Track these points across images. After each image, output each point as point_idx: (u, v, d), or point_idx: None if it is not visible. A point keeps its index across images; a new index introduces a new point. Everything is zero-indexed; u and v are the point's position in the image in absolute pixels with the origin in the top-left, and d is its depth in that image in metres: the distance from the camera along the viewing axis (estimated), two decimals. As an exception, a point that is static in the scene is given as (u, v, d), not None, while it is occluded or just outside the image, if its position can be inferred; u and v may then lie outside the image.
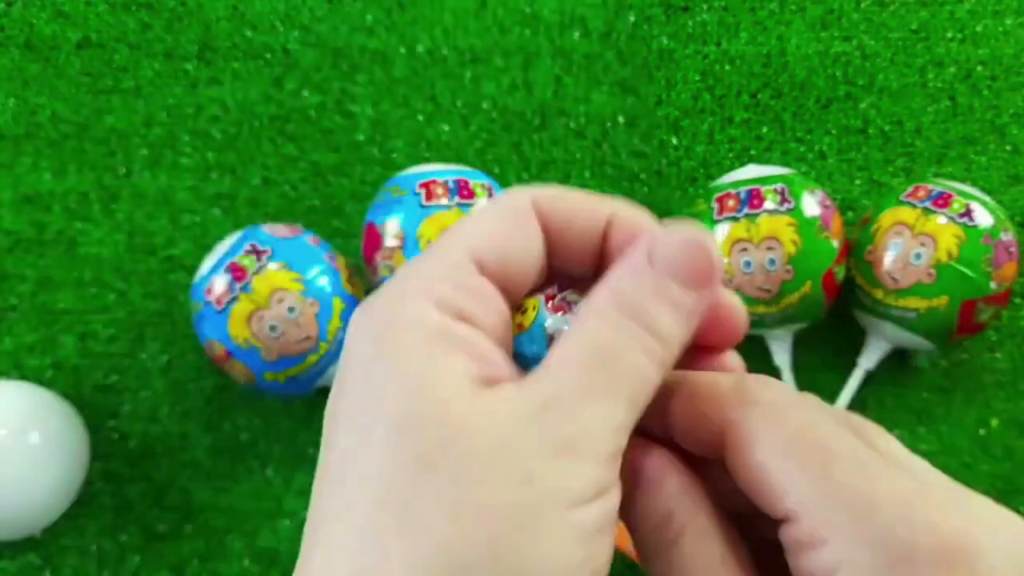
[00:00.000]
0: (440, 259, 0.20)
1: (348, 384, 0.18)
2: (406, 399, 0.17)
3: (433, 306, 0.18)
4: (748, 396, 0.19)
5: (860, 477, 0.17)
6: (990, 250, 0.45)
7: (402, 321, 0.18)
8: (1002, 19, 0.60)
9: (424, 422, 0.17)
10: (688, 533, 0.19)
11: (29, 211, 0.54)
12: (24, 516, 0.46)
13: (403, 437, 0.17)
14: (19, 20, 0.58)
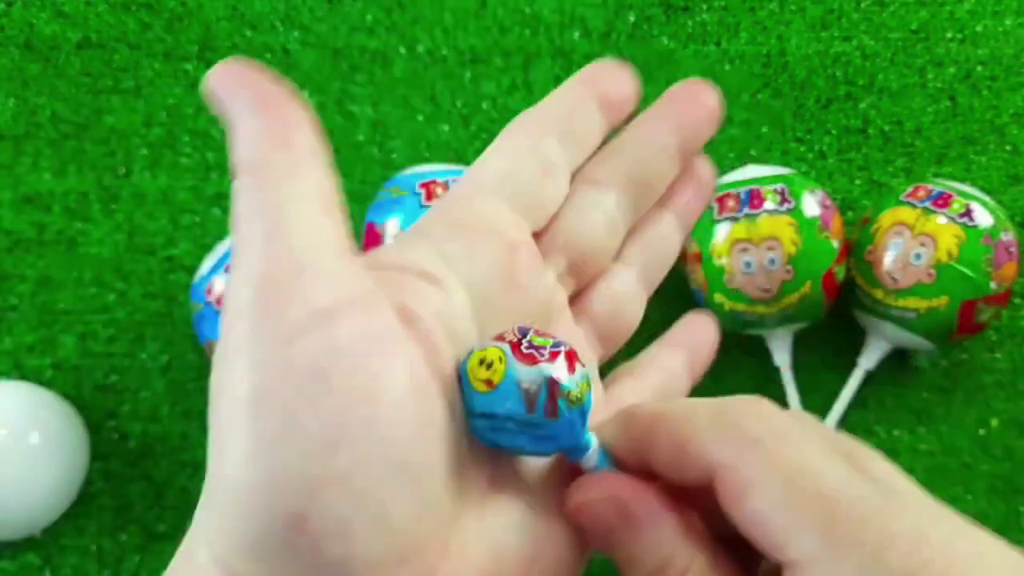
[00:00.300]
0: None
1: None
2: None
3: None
4: (733, 433, 0.18)
5: (864, 520, 0.16)
6: (990, 250, 0.45)
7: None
8: (1002, 19, 0.60)
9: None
10: (692, 573, 0.18)
11: (29, 211, 0.54)
12: (24, 516, 0.46)
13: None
14: (19, 20, 0.58)
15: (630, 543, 0.19)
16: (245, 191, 0.18)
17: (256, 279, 0.17)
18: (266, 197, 0.18)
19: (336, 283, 0.17)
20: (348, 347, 0.16)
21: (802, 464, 0.17)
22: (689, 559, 0.18)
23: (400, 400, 0.17)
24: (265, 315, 0.17)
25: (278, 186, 0.18)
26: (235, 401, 0.16)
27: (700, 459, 0.18)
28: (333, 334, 0.16)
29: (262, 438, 0.16)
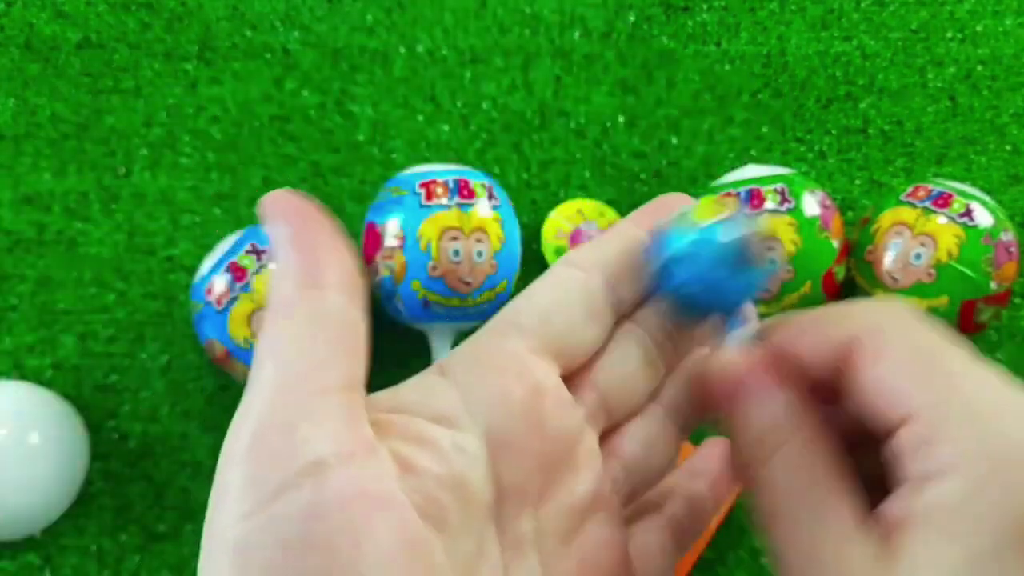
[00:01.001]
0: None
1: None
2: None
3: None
4: (876, 312, 0.20)
5: (980, 388, 0.18)
6: (990, 250, 0.45)
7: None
8: (1002, 19, 0.60)
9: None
10: (791, 447, 0.19)
11: (29, 211, 0.54)
12: (24, 516, 0.46)
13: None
14: (19, 20, 0.58)
15: (742, 408, 0.20)
16: (266, 328, 0.19)
17: (256, 426, 0.17)
18: (283, 338, 0.18)
19: (334, 434, 0.17)
20: (335, 504, 0.16)
21: (931, 345, 0.19)
22: (790, 433, 0.20)
23: (384, 562, 0.16)
24: (258, 465, 0.17)
25: (298, 327, 0.18)
26: (222, 546, 0.16)
27: (843, 332, 0.19)
28: (321, 490, 0.16)
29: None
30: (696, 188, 0.56)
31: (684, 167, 0.56)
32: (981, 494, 0.16)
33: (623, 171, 0.56)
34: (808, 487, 0.19)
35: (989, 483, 0.16)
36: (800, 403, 0.20)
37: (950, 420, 0.17)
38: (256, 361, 0.18)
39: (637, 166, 0.56)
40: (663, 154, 0.57)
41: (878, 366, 0.19)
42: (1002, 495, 0.16)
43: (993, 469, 0.16)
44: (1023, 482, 0.16)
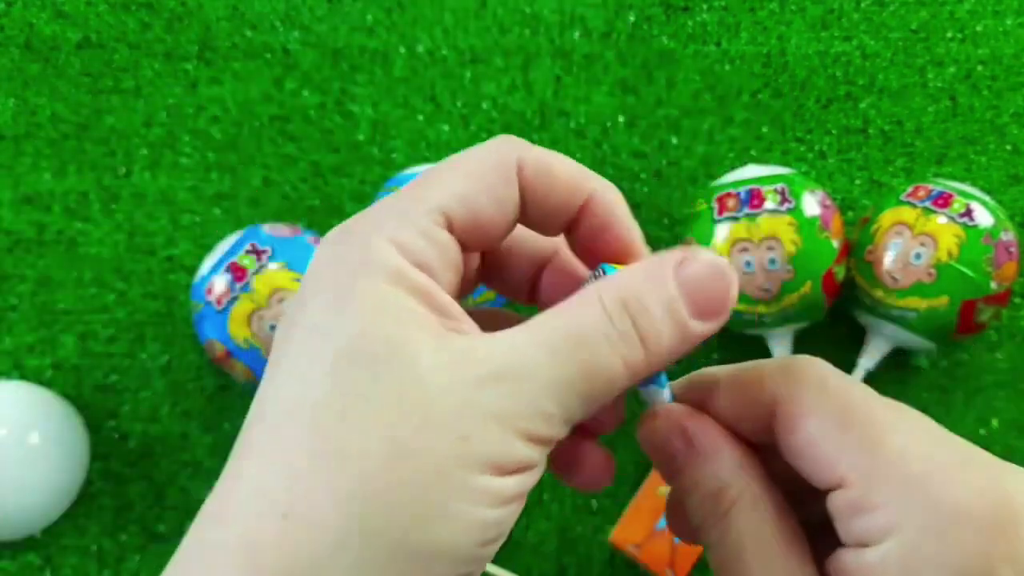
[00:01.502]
0: (411, 205, 0.19)
1: (310, 308, 0.19)
2: (365, 335, 0.18)
3: (397, 252, 0.19)
4: (794, 374, 0.20)
5: (910, 445, 0.18)
6: (990, 250, 0.45)
7: (369, 262, 0.18)
8: (1002, 19, 0.60)
9: (378, 358, 0.17)
10: (742, 503, 0.20)
11: (29, 211, 0.54)
12: (24, 516, 0.46)
13: (357, 368, 0.17)
14: (19, 20, 0.58)
15: (691, 468, 0.21)
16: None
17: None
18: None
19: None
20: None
21: (855, 397, 0.19)
22: (743, 487, 0.20)
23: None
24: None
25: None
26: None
27: (765, 399, 0.20)
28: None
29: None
30: (696, 188, 0.56)
31: (684, 167, 0.56)
32: (917, 555, 0.17)
33: (623, 171, 0.56)
34: (762, 542, 0.19)
35: (923, 545, 0.17)
36: (747, 459, 0.21)
37: (880, 486, 0.18)
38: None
39: (637, 166, 0.56)
40: (663, 154, 0.57)
41: (801, 432, 0.19)
42: (936, 554, 0.17)
43: (926, 531, 0.17)
44: (955, 541, 0.17)
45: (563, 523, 0.49)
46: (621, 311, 0.18)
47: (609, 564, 0.48)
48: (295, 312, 0.19)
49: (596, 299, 0.18)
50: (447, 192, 0.19)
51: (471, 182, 0.20)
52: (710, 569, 0.49)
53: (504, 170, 0.20)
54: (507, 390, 0.17)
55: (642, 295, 0.19)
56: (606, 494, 0.50)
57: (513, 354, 0.18)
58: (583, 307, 0.18)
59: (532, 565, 0.48)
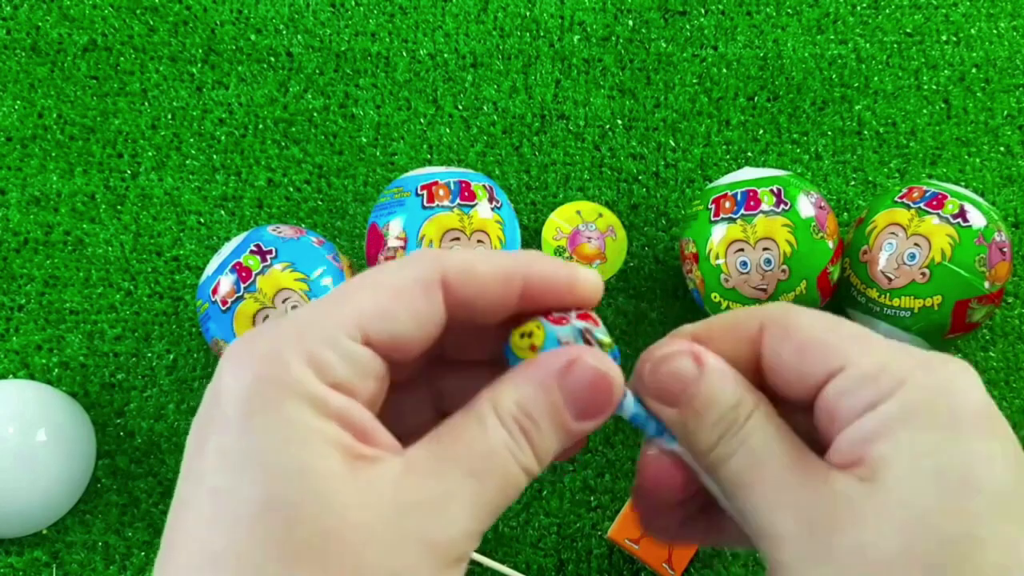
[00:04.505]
0: (326, 321, 0.19)
1: (214, 440, 0.18)
2: (278, 481, 0.17)
3: (313, 372, 0.18)
4: (772, 306, 0.22)
5: (893, 344, 0.20)
6: (983, 250, 0.46)
7: (281, 381, 0.18)
8: (996, 22, 0.61)
9: (298, 509, 0.17)
10: (758, 413, 0.20)
11: (36, 212, 0.55)
12: (31, 513, 0.47)
13: (275, 525, 0.17)
14: (25, 23, 0.59)
15: (704, 388, 0.21)
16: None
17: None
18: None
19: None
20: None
21: (830, 317, 0.21)
22: (755, 404, 0.21)
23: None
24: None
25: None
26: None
27: (752, 324, 0.21)
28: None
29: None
30: (693, 190, 0.57)
31: (681, 169, 0.57)
32: (933, 394, 0.19)
33: (621, 173, 0.57)
34: (783, 448, 0.20)
35: (934, 387, 0.19)
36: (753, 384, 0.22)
37: (880, 358, 0.19)
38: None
39: (635, 168, 0.57)
40: (661, 156, 0.57)
41: (796, 333, 0.21)
42: (949, 385, 0.19)
43: (932, 382, 0.19)
44: (961, 388, 0.19)
45: (562, 518, 0.50)
46: (517, 427, 0.19)
47: (607, 559, 0.49)
48: (212, 417, 0.18)
49: (495, 417, 0.19)
50: (364, 308, 0.19)
51: (389, 298, 0.19)
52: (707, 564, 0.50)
53: (424, 286, 0.20)
54: (435, 519, 0.18)
55: (531, 409, 0.20)
56: (605, 490, 0.50)
57: (437, 483, 0.18)
58: (486, 426, 0.19)
59: (531, 560, 0.49)
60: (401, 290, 0.20)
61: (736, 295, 0.47)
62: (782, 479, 0.20)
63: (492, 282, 0.20)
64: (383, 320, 0.19)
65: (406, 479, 0.18)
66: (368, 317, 0.19)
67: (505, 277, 0.21)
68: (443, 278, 0.20)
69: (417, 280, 0.20)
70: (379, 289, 0.19)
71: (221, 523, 0.17)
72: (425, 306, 0.20)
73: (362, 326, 0.19)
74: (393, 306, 0.19)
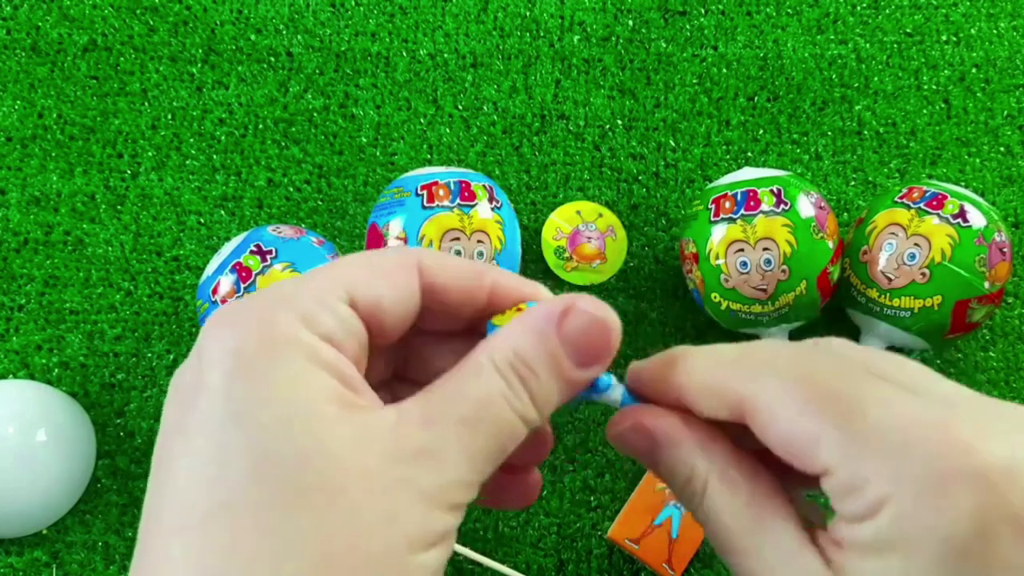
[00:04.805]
0: (312, 284, 0.19)
1: (204, 398, 0.17)
2: (277, 428, 0.17)
3: (303, 325, 0.18)
4: (756, 366, 0.20)
5: (885, 416, 0.18)
6: (983, 250, 0.46)
7: (271, 338, 0.18)
8: (996, 22, 0.61)
9: (296, 457, 0.17)
10: (712, 482, 0.20)
11: (36, 212, 0.55)
12: (31, 513, 0.47)
13: (272, 471, 0.17)
14: (25, 23, 0.59)
15: (662, 460, 0.21)
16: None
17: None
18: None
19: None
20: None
21: (822, 380, 0.19)
22: (708, 467, 0.21)
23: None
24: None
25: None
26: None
27: (730, 396, 0.20)
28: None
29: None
30: (693, 190, 0.57)
31: (681, 169, 0.57)
32: (912, 524, 0.17)
33: (621, 173, 0.57)
34: (739, 515, 0.20)
35: (917, 513, 0.17)
36: (709, 437, 0.21)
37: (863, 463, 0.18)
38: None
39: (635, 168, 0.57)
40: (661, 156, 0.57)
41: (772, 433, 0.19)
42: (932, 520, 0.17)
43: (918, 499, 0.17)
44: (949, 505, 0.17)
45: (562, 519, 0.50)
46: (513, 375, 0.19)
47: (608, 559, 0.49)
48: (190, 398, 0.18)
49: (491, 365, 0.19)
50: (348, 275, 0.20)
51: (375, 272, 0.20)
52: (707, 564, 0.50)
53: (406, 267, 0.21)
54: (429, 466, 0.18)
55: (528, 356, 0.19)
56: (605, 490, 0.50)
57: (430, 430, 0.18)
58: (481, 374, 0.19)
59: (531, 560, 0.49)
60: (382, 265, 0.20)
61: (736, 295, 0.47)
62: (748, 556, 0.20)
63: (462, 273, 0.21)
64: (367, 287, 0.20)
65: (399, 427, 0.18)
66: (354, 283, 0.20)
67: (475, 272, 0.22)
68: (419, 263, 0.21)
69: (396, 260, 0.21)
70: (362, 262, 0.20)
71: (216, 477, 0.17)
72: (404, 281, 0.20)
73: (348, 290, 0.19)
74: (376, 277, 0.20)
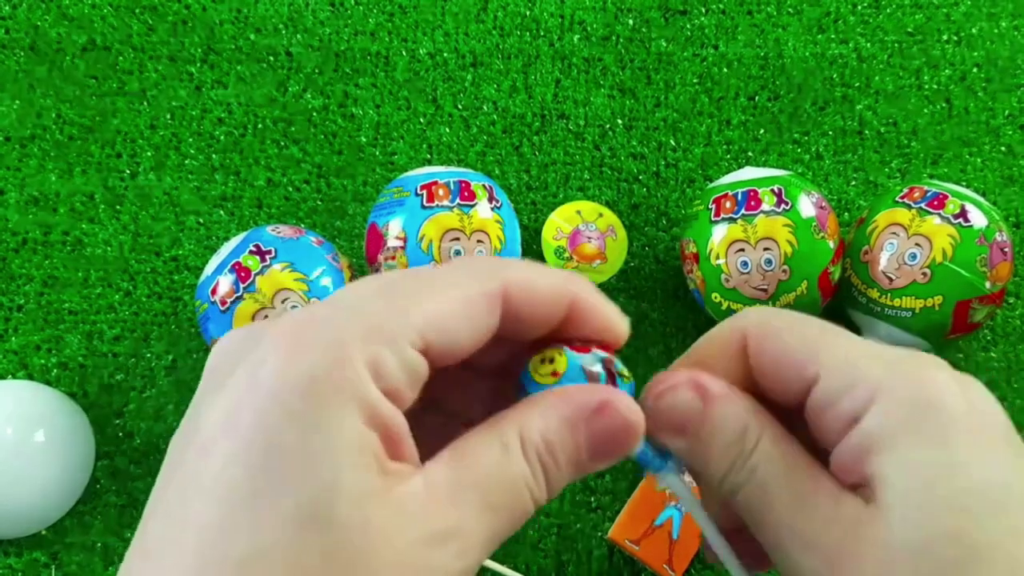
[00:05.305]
0: (392, 314, 0.18)
1: (258, 405, 0.17)
2: (320, 489, 0.16)
3: (370, 373, 0.17)
4: (751, 314, 0.22)
5: (868, 345, 0.20)
6: (985, 250, 0.46)
7: (340, 377, 0.17)
8: (997, 21, 0.61)
9: (335, 526, 0.16)
10: (765, 437, 0.21)
11: (35, 212, 0.55)
12: (30, 514, 0.47)
13: (312, 532, 0.16)
14: (24, 23, 0.59)
15: (710, 417, 0.21)
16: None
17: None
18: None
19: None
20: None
21: (806, 319, 0.22)
22: (761, 429, 0.21)
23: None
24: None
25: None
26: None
27: (735, 338, 0.22)
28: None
29: None
30: (694, 189, 0.56)
31: (682, 169, 0.57)
32: (906, 408, 0.19)
33: (622, 173, 0.57)
34: (794, 470, 0.20)
35: (909, 399, 0.19)
36: (755, 402, 0.22)
37: (852, 367, 0.19)
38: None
39: (636, 168, 0.57)
40: (661, 156, 0.57)
41: (771, 344, 0.21)
42: (924, 403, 0.19)
43: (907, 390, 0.19)
44: (934, 392, 0.19)
45: (562, 519, 0.50)
46: (538, 462, 0.19)
47: (608, 560, 0.49)
48: (235, 407, 0.17)
49: (519, 448, 0.19)
50: (431, 312, 0.18)
51: (456, 306, 0.19)
52: (707, 565, 0.50)
53: (490, 299, 0.19)
54: (454, 550, 0.18)
55: (556, 447, 0.19)
56: (605, 491, 0.50)
57: (457, 510, 0.18)
58: (509, 456, 0.19)
59: (531, 561, 0.49)
60: (467, 300, 0.19)
61: (737, 295, 0.47)
62: (793, 514, 0.20)
63: (548, 299, 0.20)
64: (446, 331, 0.18)
65: (429, 505, 0.18)
66: (432, 325, 0.18)
67: (559, 296, 0.20)
68: (504, 290, 0.19)
69: (483, 292, 0.19)
70: (446, 296, 0.19)
71: (245, 522, 0.16)
72: (486, 319, 0.19)
73: (424, 333, 0.18)
74: (457, 317, 0.19)
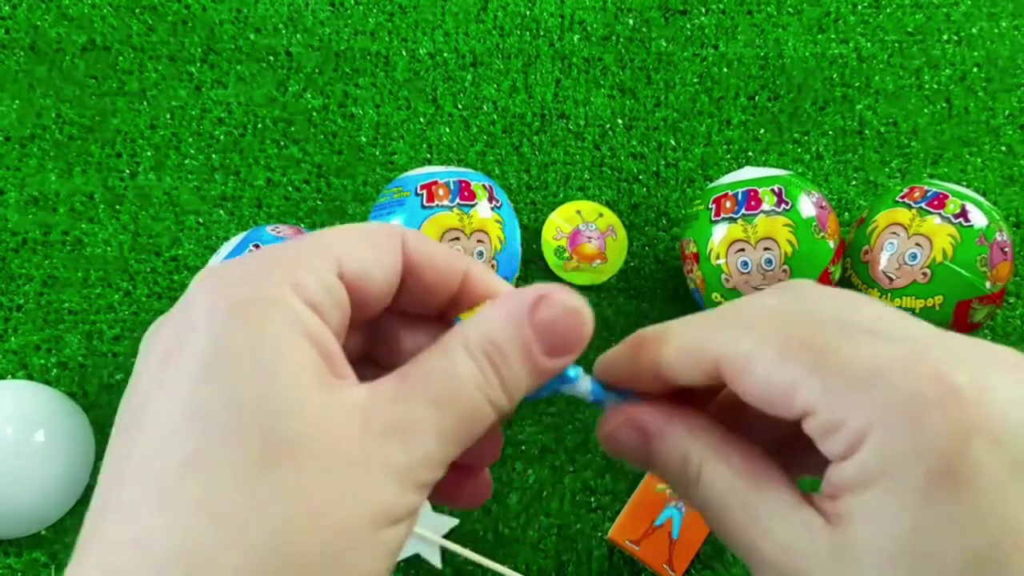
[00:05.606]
0: (303, 249, 0.20)
1: (188, 351, 0.18)
2: (259, 388, 0.17)
3: (291, 290, 0.19)
4: (728, 324, 0.20)
5: (857, 357, 0.18)
6: (985, 250, 0.46)
7: (259, 298, 0.18)
8: (997, 21, 0.61)
9: (275, 416, 0.17)
10: (706, 463, 0.21)
11: (35, 212, 0.55)
12: (30, 514, 0.47)
13: (251, 428, 0.17)
14: (24, 23, 0.59)
15: (655, 452, 0.22)
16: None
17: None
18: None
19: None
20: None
21: (792, 327, 0.19)
22: (703, 448, 0.21)
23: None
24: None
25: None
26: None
27: (707, 360, 0.20)
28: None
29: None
30: (694, 189, 0.56)
31: (682, 168, 0.57)
32: (893, 453, 0.18)
33: (622, 173, 0.57)
34: (738, 492, 0.20)
35: (896, 441, 0.18)
36: (697, 420, 0.21)
37: (838, 402, 0.18)
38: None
39: (636, 167, 0.57)
40: (661, 156, 0.57)
41: (749, 384, 0.19)
42: (911, 446, 0.17)
43: (894, 428, 0.18)
44: (924, 429, 0.17)
45: (562, 519, 0.50)
46: (485, 359, 0.20)
47: (608, 560, 0.49)
48: (178, 340, 0.18)
49: (464, 348, 0.20)
50: (339, 244, 0.20)
51: (363, 242, 0.21)
52: (707, 565, 0.50)
53: (392, 240, 0.21)
54: (402, 444, 0.18)
55: (501, 342, 0.20)
56: (605, 491, 0.50)
57: (403, 408, 0.19)
58: (454, 357, 0.20)
59: (531, 561, 0.49)
60: (370, 235, 0.21)
61: (737, 295, 0.47)
62: (746, 531, 0.20)
63: (444, 263, 0.22)
64: (355, 258, 0.20)
65: (372, 403, 0.19)
66: (343, 252, 0.20)
67: (453, 256, 0.22)
68: (403, 238, 0.21)
69: (383, 233, 0.21)
70: (352, 232, 0.21)
71: (195, 429, 0.17)
72: (389, 253, 0.21)
73: (338, 259, 0.20)
74: (365, 251, 0.20)
